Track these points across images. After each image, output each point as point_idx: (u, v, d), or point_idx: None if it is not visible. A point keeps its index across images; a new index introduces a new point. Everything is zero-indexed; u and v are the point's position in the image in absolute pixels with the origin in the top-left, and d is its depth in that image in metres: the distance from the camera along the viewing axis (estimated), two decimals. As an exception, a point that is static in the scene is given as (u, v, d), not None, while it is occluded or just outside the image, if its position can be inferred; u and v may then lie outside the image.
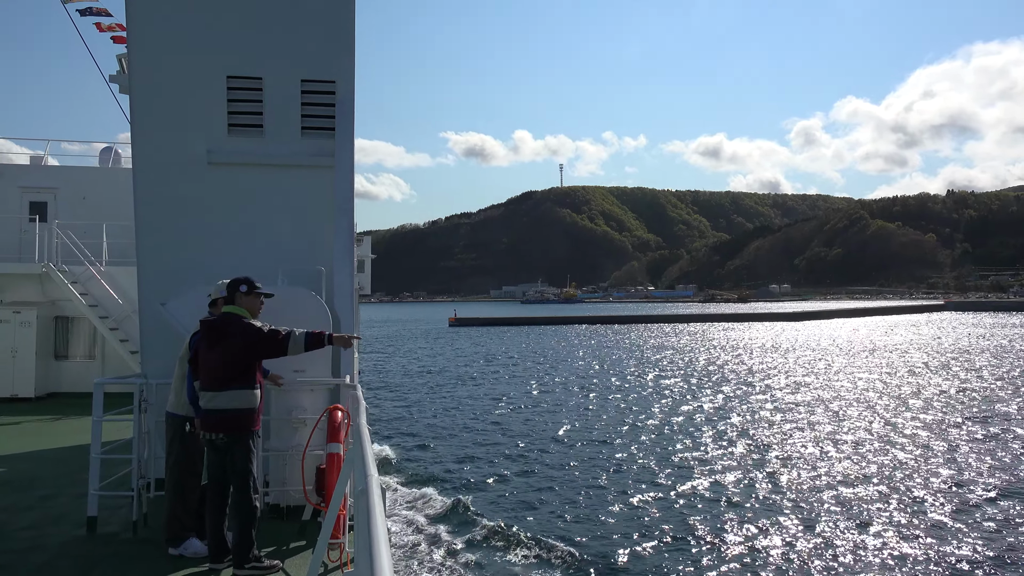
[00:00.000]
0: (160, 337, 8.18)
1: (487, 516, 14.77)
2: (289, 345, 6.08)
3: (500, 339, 75.75)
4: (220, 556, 6.08)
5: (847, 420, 24.94)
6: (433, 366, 48.02)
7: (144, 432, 7.34)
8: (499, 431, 24.34)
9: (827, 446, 20.82)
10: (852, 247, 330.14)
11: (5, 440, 12.37)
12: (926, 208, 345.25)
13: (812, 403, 28.86)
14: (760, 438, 22.08)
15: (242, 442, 5.97)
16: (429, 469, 19.07)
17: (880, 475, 17.43)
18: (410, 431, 24.81)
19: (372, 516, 2.72)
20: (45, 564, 6.28)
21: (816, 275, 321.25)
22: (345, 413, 7.00)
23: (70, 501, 8.22)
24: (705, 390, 33.36)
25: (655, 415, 26.49)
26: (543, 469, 18.81)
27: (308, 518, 7.09)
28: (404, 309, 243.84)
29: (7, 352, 16.96)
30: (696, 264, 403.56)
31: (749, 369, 42.53)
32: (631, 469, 18.55)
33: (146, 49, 8.76)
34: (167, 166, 8.88)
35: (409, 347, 67.71)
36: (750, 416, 26.04)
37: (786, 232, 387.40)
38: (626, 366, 45.25)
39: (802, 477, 17.38)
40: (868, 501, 15.36)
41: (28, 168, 20.24)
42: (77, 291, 17.20)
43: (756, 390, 33.11)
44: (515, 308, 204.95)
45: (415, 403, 31.43)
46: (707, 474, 17.78)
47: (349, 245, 8.51)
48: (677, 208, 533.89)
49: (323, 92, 9.10)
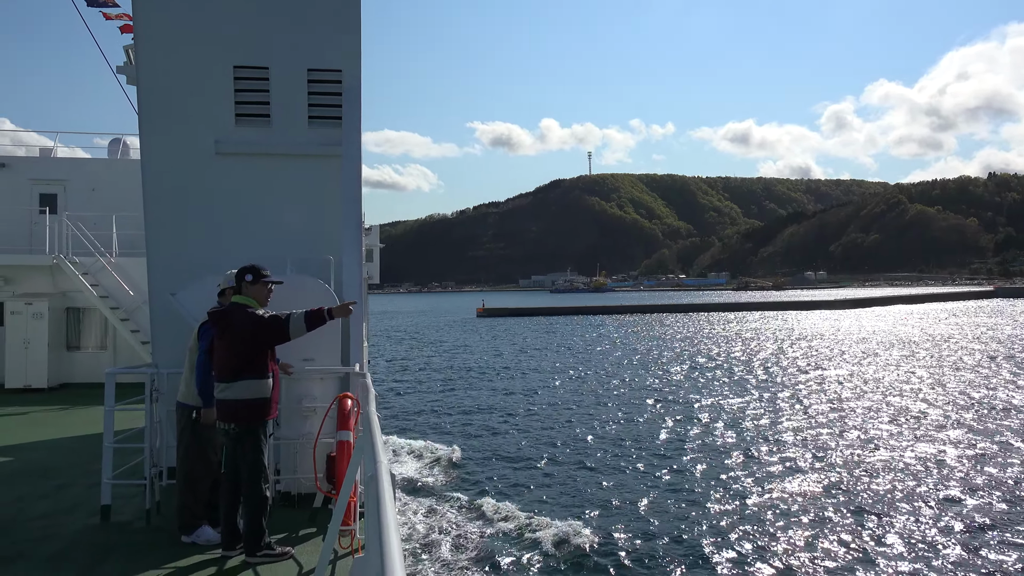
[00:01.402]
0: (170, 327, 8.22)
1: (501, 505, 14.78)
2: (290, 327, 6.05)
3: (530, 330, 73.75)
4: (232, 544, 6.12)
5: (914, 421, 22.45)
6: (458, 359, 46.52)
7: (156, 421, 7.40)
8: (520, 423, 23.93)
9: (894, 449, 18.83)
10: (890, 232, 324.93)
11: (19, 430, 12.48)
12: (967, 192, 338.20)
13: (873, 400, 26.41)
14: (817, 439, 20.21)
15: (253, 432, 6.00)
16: (443, 457, 19.10)
17: (958, 483, 15.77)
18: (428, 422, 24.83)
19: (382, 503, 2.74)
20: (59, 552, 6.34)
21: (853, 262, 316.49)
22: (355, 401, 7.03)
23: (84, 490, 8.30)
24: (748, 384, 31.30)
25: (696, 413, 24.56)
26: (565, 464, 18.39)
27: (319, 505, 7.14)
28: (432, 299, 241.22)
29: (20, 343, 17.08)
30: (728, 251, 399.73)
31: (795, 361, 39.61)
32: (666, 469, 17.53)
33: (153, 40, 8.75)
34: (175, 157, 8.90)
35: (436, 337, 66.34)
36: (803, 415, 23.78)
37: (821, 218, 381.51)
38: (661, 359, 42.82)
39: (867, 482, 15.96)
40: (940, 509, 14.08)
41: (37, 160, 20.32)
42: (88, 282, 17.30)
43: (806, 385, 30.57)
44: (544, 297, 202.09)
45: (436, 394, 31.00)
46: (754, 477, 16.60)
47: (357, 234, 8.52)
48: (708, 195, 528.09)
49: (330, 81, 9.09)
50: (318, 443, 6.90)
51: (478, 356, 48.21)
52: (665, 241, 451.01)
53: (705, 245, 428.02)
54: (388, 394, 30.86)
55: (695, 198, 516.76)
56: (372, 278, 20.71)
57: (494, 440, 21.40)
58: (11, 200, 19.06)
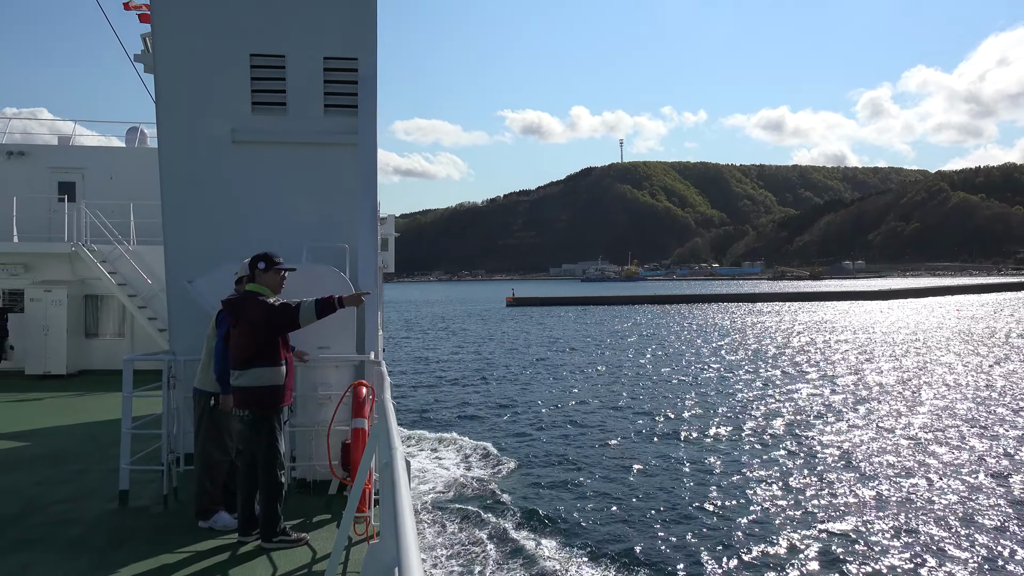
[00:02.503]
0: (187, 315, 8.27)
1: (520, 497, 14.78)
2: (300, 315, 6.04)
3: (561, 320, 71.54)
4: (248, 529, 6.17)
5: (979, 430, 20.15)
6: (485, 350, 44.96)
7: (173, 408, 7.46)
8: (548, 418, 23.22)
9: (970, 456, 17.19)
10: (931, 221, 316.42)
11: (39, 416, 12.62)
12: (1011, 179, 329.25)
13: (941, 402, 24.28)
14: (887, 443, 18.79)
15: (267, 420, 6.03)
16: (464, 448, 19.11)
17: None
18: (448, 413, 24.80)
19: (397, 489, 2.74)
20: (79, 537, 6.41)
21: (892, 251, 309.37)
22: (370, 389, 7.06)
23: (102, 476, 8.38)
24: (803, 381, 29.33)
25: (743, 414, 22.75)
26: (589, 459, 18.02)
27: (334, 492, 7.18)
28: (462, 288, 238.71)
29: (39, 330, 17.26)
30: (763, 240, 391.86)
31: (844, 358, 36.78)
32: (698, 473, 16.61)
33: (170, 28, 8.78)
34: (192, 145, 8.93)
35: (464, 328, 64.74)
36: (858, 420, 21.76)
37: (859, 206, 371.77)
38: (702, 354, 40.05)
39: (930, 498, 14.49)
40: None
41: (56, 148, 20.49)
42: (106, 270, 17.45)
43: (860, 387, 27.90)
44: (576, 287, 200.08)
45: (459, 386, 30.36)
46: (806, 485, 15.35)
47: (372, 222, 8.53)
48: (742, 183, 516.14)
49: (346, 69, 9.08)
50: (333, 430, 6.93)
51: (506, 347, 46.88)
52: (698, 230, 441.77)
53: (739, 234, 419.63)
54: (406, 386, 30.34)
55: (729, 186, 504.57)
56: (387, 267, 20.71)
57: (528, 434, 21.19)
58: (30, 188, 19.24)
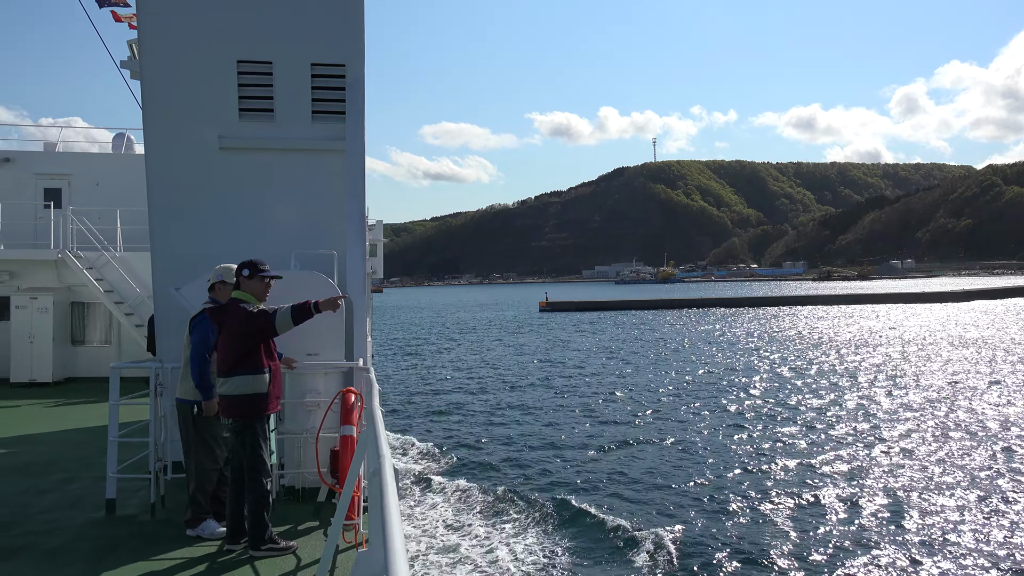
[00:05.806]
0: (174, 322, 8.24)
1: (513, 507, 14.62)
2: (277, 322, 6.02)
3: (599, 327, 63.29)
4: (237, 537, 6.15)
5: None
6: (515, 358, 39.37)
7: (160, 415, 7.42)
8: (550, 433, 21.16)
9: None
10: (984, 217, 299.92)
11: (24, 424, 12.52)
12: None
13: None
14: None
15: (250, 427, 6.04)
16: (460, 456, 18.97)
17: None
18: (444, 423, 24.67)
19: (386, 497, 2.74)
20: (64, 545, 6.37)
21: (942, 249, 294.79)
22: (358, 396, 7.05)
23: (88, 484, 8.33)
24: (869, 403, 24.15)
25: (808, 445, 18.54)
26: (582, 474, 17.39)
27: (323, 499, 7.17)
28: (492, 291, 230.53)
29: (25, 338, 17.13)
30: (803, 239, 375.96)
31: (921, 375, 30.16)
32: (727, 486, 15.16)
33: (157, 34, 8.77)
34: (179, 151, 8.92)
35: (496, 338, 56.14)
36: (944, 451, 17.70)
37: (905, 203, 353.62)
38: (759, 369, 33.29)
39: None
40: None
41: (42, 154, 20.37)
42: (92, 277, 17.35)
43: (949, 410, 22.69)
44: (610, 289, 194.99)
45: (464, 396, 28.88)
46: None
47: (360, 229, 8.54)
48: (778, 181, 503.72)
49: (333, 76, 9.10)
50: (321, 437, 6.92)
51: (540, 357, 41.00)
52: (734, 229, 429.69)
53: (777, 233, 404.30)
54: (426, 392, 28.94)
55: (765, 185, 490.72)
56: (376, 273, 20.69)
57: (507, 436, 21.14)
58: (16, 195, 19.11)
